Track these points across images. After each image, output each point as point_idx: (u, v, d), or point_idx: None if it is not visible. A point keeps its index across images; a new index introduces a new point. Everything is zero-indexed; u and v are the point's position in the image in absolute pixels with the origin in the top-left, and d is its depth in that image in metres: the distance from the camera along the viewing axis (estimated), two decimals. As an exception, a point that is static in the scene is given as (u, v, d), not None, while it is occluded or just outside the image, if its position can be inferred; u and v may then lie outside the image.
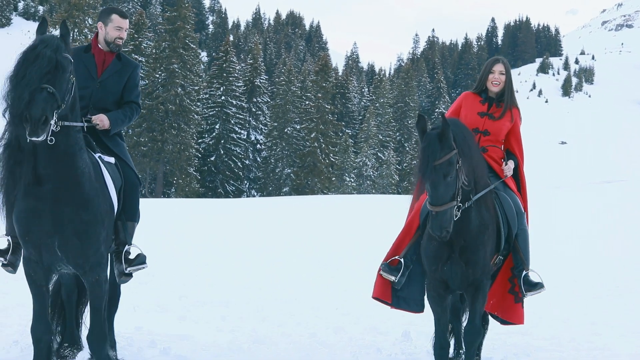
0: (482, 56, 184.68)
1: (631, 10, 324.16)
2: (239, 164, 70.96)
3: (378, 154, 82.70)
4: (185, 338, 7.34)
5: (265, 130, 76.07)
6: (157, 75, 65.47)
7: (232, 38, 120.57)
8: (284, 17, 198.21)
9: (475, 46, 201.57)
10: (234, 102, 72.11)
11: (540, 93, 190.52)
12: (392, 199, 45.37)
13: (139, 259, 5.65)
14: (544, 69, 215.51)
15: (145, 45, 68.17)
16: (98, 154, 5.53)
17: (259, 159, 75.26)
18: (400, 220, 6.59)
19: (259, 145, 75.49)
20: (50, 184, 4.92)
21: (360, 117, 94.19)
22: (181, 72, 65.79)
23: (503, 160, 6.44)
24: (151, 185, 66.97)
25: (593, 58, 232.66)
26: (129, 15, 6.12)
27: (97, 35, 6.02)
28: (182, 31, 66.81)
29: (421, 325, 8.12)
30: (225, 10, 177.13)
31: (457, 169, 5.36)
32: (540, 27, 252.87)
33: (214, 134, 70.78)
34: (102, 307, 5.35)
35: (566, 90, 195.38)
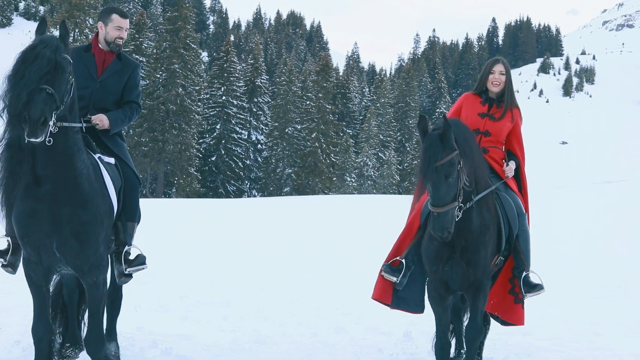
0: (483, 56, 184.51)
1: (632, 10, 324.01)
2: (239, 164, 70.96)
3: (379, 154, 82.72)
4: (187, 338, 7.36)
5: (266, 130, 76.08)
6: (158, 76, 65.49)
7: (232, 38, 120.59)
8: (284, 17, 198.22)
9: (476, 46, 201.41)
10: (234, 102, 72.14)
11: (541, 93, 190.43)
12: (393, 199, 45.39)
13: (138, 260, 5.62)
14: (544, 69, 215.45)
15: (146, 45, 68.18)
16: (98, 155, 5.50)
17: (259, 159, 75.27)
18: (401, 220, 6.59)
19: (259, 145, 75.50)
20: (49, 184, 4.90)
21: (361, 117, 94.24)
22: (182, 72, 65.80)
23: (504, 161, 6.44)
24: (152, 185, 66.99)
25: (594, 58, 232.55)
26: (129, 15, 6.07)
27: (97, 34, 5.98)
28: (183, 31, 66.82)
29: (422, 325, 8.13)
30: (226, 10, 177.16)
31: (459, 170, 5.35)
32: (541, 27, 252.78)
33: (215, 134, 70.80)
34: (101, 309, 5.30)
35: (567, 90, 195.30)
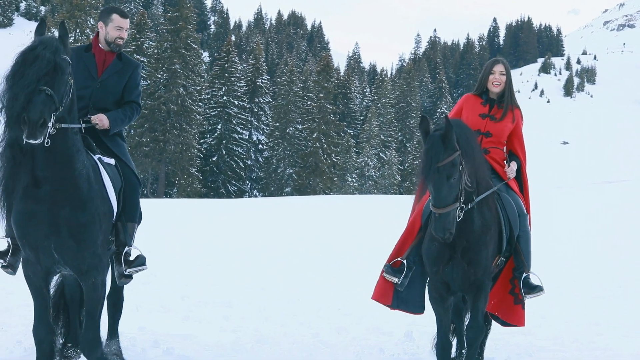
0: (484, 56, 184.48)
1: (633, 10, 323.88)
2: (240, 164, 70.96)
3: (380, 154, 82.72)
4: (188, 338, 7.36)
5: (267, 130, 76.08)
6: (159, 76, 65.51)
7: (233, 38, 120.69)
8: (285, 17, 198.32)
9: (477, 46, 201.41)
10: (235, 102, 72.14)
11: (542, 93, 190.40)
12: (394, 199, 45.38)
13: (138, 261, 5.60)
14: (545, 69, 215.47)
15: (147, 45, 68.22)
16: (98, 156, 5.49)
17: (260, 159, 75.27)
18: (402, 220, 6.59)
19: (260, 146, 75.49)
20: (48, 186, 4.88)
21: (362, 117, 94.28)
22: (183, 73, 65.81)
23: (505, 162, 6.44)
24: (153, 185, 67.02)
25: (595, 58, 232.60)
26: (129, 15, 6.06)
27: (97, 34, 5.96)
28: (184, 31, 66.82)
29: (424, 325, 8.14)
30: (227, 10, 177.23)
31: (461, 171, 5.34)
32: (542, 27, 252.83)
33: (216, 134, 70.81)
34: (98, 310, 5.27)
35: (568, 90, 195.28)
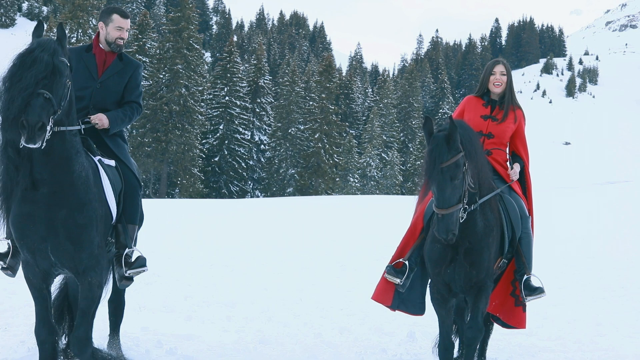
0: (486, 57, 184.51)
1: (635, 10, 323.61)
2: (242, 164, 70.98)
3: (382, 155, 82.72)
4: (191, 338, 7.38)
5: (269, 130, 76.09)
6: (161, 76, 65.55)
7: (236, 38, 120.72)
8: (287, 17, 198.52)
9: (479, 46, 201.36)
10: (237, 102, 72.15)
11: (544, 93, 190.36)
12: (396, 199, 45.38)
13: (138, 262, 5.58)
14: (547, 69, 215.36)
15: (149, 45, 68.24)
16: (98, 157, 5.48)
17: (262, 160, 75.28)
18: (405, 221, 6.59)
19: (262, 146, 75.49)
20: (46, 188, 4.87)
21: (364, 118, 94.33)
22: (185, 73, 65.84)
23: (508, 163, 6.44)
24: (155, 185, 67.06)
25: (597, 58, 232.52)
26: (130, 15, 6.04)
27: (98, 34, 5.94)
28: (186, 32, 66.85)
29: (426, 325, 8.15)
30: (229, 10, 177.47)
31: (464, 172, 5.34)
32: (544, 28, 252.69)
33: (218, 134, 70.83)
34: (91, 310, 5.23)
35: (570, 90, 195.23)
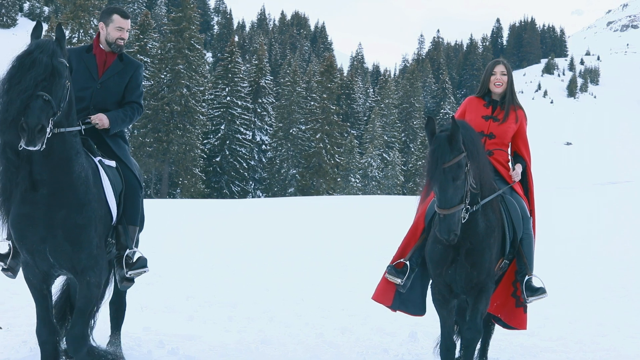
0: (487, 57, 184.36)
1: (636, 10, 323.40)
2: (244, 164, 70.99)
3: (383, 155, 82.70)
4: (193, 338, 7.38)
5: (270, 131, 76.11)
6: (163, 76, 65.58)
7: (237, 39, 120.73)
8: (289, 17, 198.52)
9: (481, 47, 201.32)
10: (239, 102, 72.16)
11: (545, 94, 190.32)
12: (397, 199, 45.37)
13: (139, 263, 5.56)
14: (549, 69, 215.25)
15: (150, 46, 68.26)
16: (98, 158, 5.46)
17: (264, 160, 75.29)
18: (406, 221, 6.60)
19: (264, 146, 75.52)
20: (45, 189, 4.86)
21: (365, 118, 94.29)
22: (186, 73, 65.87)
23: (509, 164, 6.44)
24: (156, 186, 67.09)
25: (598, 59, 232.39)
26: (130, 15, 6.03)
27: (98, 35, 5.93)
28: (187, 32, 66.87)
29: (428, 326, 8.15)
30: (231, 10, 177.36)
31: (466, 172, 5.34)
32: (545, 28, 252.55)
33: (219, 134, 70.84)
34: (88, 310, 5.20)
35: (571, 91, 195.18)
